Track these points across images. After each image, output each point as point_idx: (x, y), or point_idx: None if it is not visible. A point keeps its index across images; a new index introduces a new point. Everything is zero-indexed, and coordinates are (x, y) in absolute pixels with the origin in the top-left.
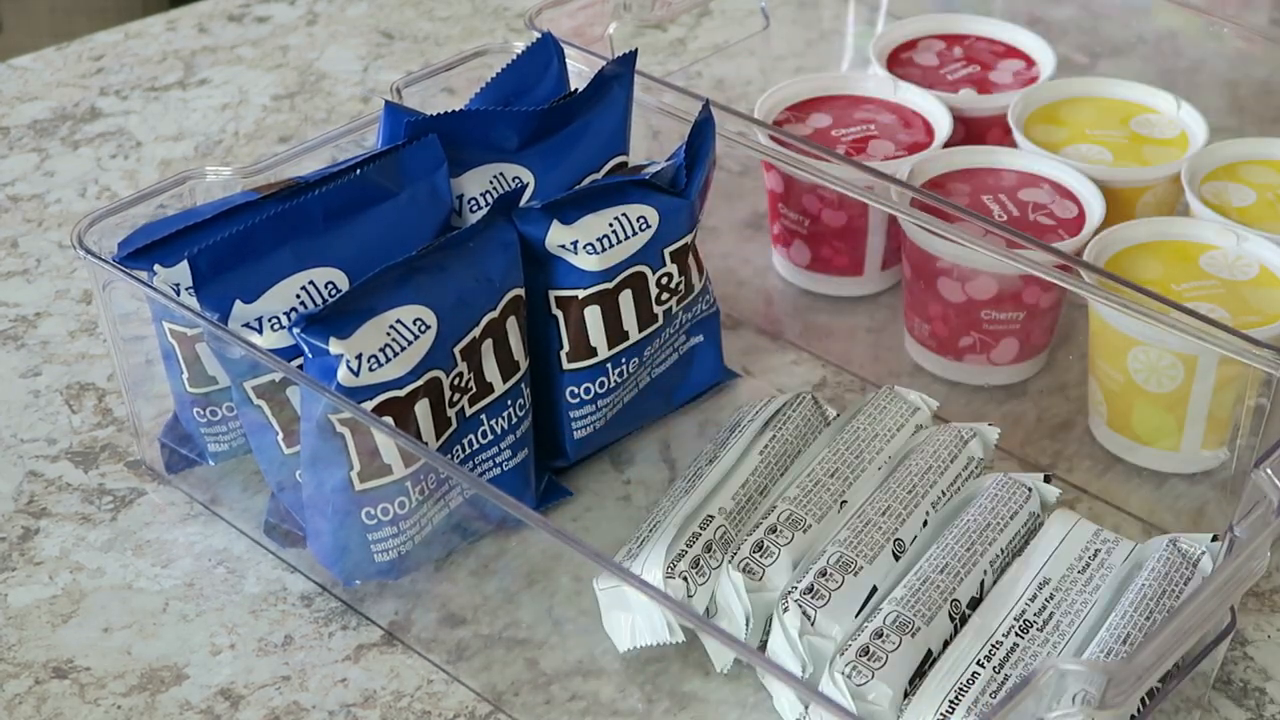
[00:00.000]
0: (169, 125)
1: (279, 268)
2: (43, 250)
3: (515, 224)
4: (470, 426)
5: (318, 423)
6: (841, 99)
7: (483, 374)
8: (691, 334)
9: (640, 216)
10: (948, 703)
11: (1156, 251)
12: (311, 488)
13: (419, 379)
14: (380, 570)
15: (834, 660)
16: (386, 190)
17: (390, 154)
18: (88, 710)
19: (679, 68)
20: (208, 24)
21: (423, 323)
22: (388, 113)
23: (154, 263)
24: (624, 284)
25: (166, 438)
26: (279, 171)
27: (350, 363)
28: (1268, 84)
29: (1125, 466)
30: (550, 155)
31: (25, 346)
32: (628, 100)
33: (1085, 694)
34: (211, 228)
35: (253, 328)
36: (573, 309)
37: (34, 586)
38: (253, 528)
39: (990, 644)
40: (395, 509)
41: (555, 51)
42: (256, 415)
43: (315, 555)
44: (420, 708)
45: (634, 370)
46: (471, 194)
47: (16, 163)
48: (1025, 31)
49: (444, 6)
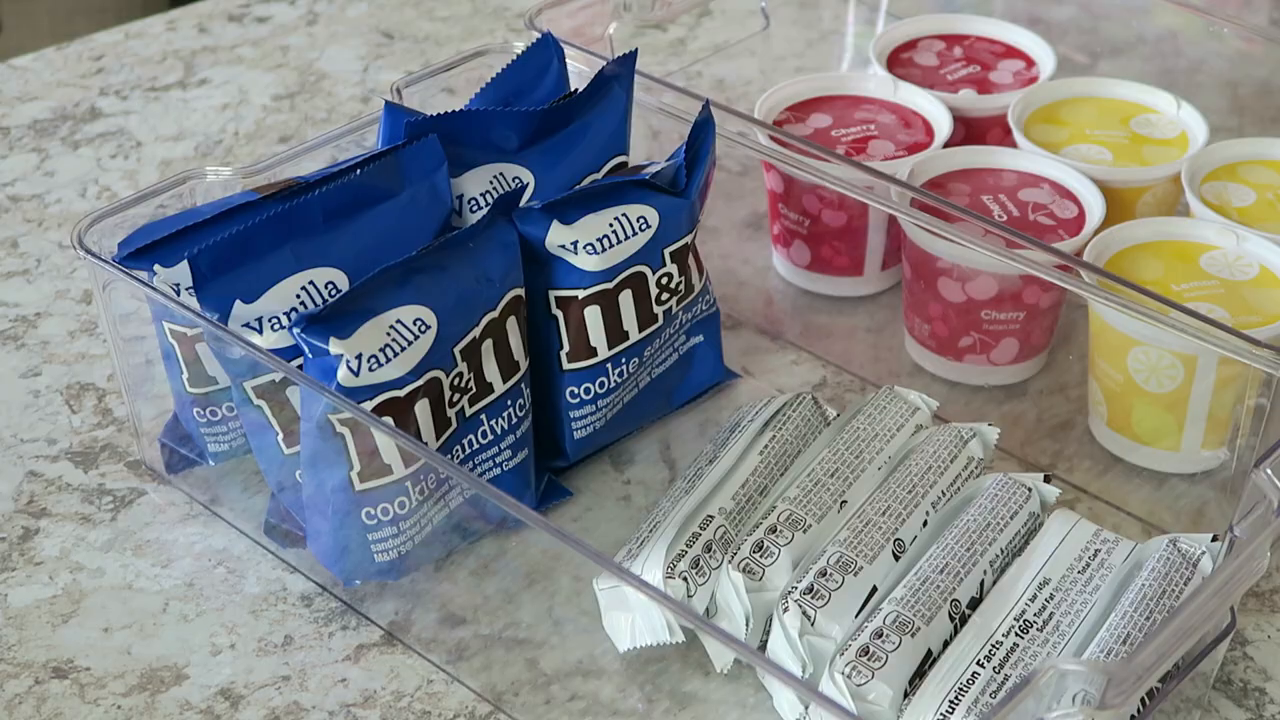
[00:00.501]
0: (169, 125)
1: (279, 268)
2: (43, 250)
3: (515, 224)
4: (470, 427)
5: (318, 423)
6: (841, 99)
7: (483, 374)
8: (691, 334)
9: (640, 216)
10: (948, 703)
11: (1156, 251)
12: (311, 488)
13: (419, 379)
14: (380, 570)
15: (834, 660)
16: (387, 190)
17: (390, 154)
18: (88, 710)
19: (679, 68)
20: (208, 24)
21: (423, 323)
22: (388, 113)
23: (154, 263)
24: (624, 284)
25: (166, 438)
26: (279, 171)
27: (350, 363)
28: (1268, 84)
29: (1125, 466)
30: (550, 155)
31: (25, 346)
32: (628, 100)
33: (1085, 694)
34: (211, 228)
35: (253, 328)
36: (573, 309)
37: (34, 586)
38: (253, 528)
39: (990, 644)
40: (395, 509)
41: (555, 52)
42: (256, 415)
43: (315, 555)
44: (420, 708)
45: (634, 370)
46: (471, 194)
47: (16, 163)
48: (1025, 32)
49: (444, 6)
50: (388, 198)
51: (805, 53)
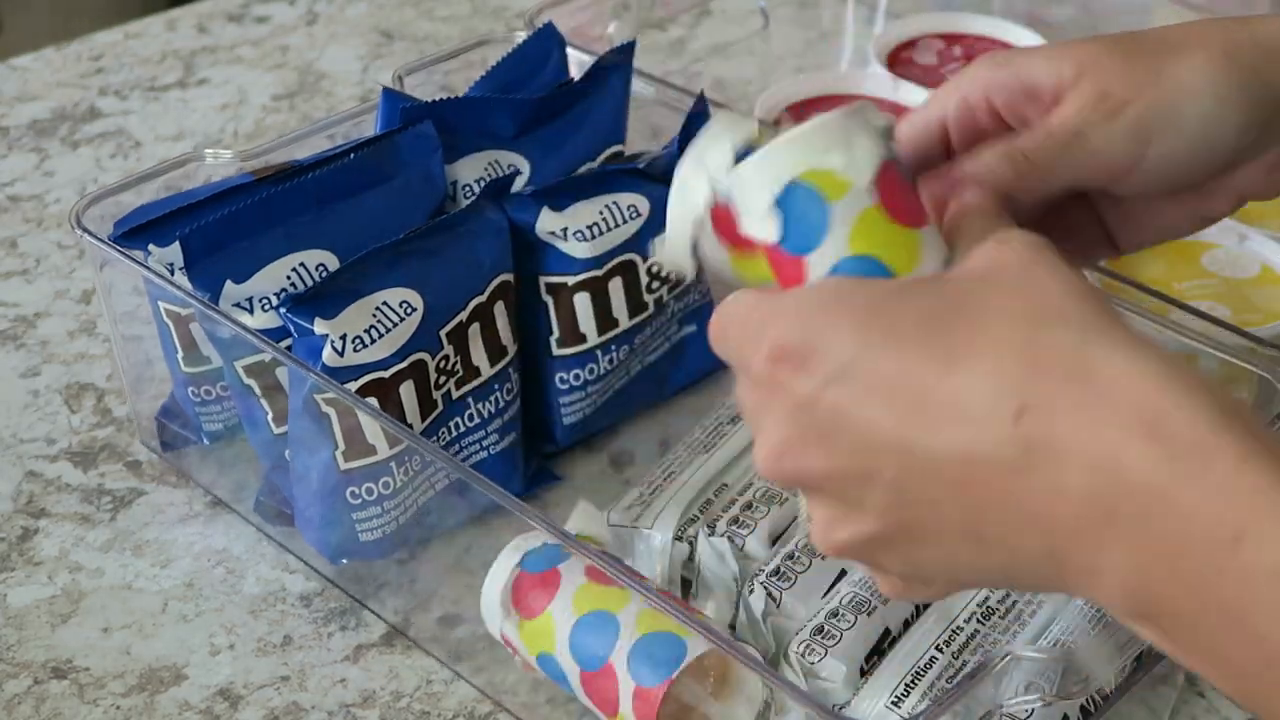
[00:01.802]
0: (169, 125)
1: (270, 249)
2: (42, 250)
3: (506, 210)
4: (457, 409)
5: (304, 402)
6: (841, 98)
7: (469, 358)
8: (684, 323)
9: (631, 205)
10: (904, 685)
11: (1158, 250)
12: (298, 466)
13: (403, 360)
14: (367, 549)
15: (790, 642)
16: (380, 174)
17: (385, 139)
18: (87, 710)
19: (679, 67)
20: (208, 24)
21: (409, 305)
22: (385, 98)
23: (149, 242)
24: (614, 271)
25: (163, 416)
26: (278, 155)
27: (335, 343)
28: None
29: None
30: (547, 143)
31: (25, 346)
32: (625, 90)
33: (1038, 684)
34: (205, 209)
35: (244, 308)
36: (563, 295)
37: (33, 586)
38: (246, 508)
39: (951, 629)
40: (380, 489)
41: (556, 42)
42: (248, 395)
43: (302, 533)
44: (419, 708)
45: (624, 358)
46: (466, 180)
47: (16, 163)
48: (1025, 31)
49: (444, 6)
50: (382, 182)
51: (805, 52)
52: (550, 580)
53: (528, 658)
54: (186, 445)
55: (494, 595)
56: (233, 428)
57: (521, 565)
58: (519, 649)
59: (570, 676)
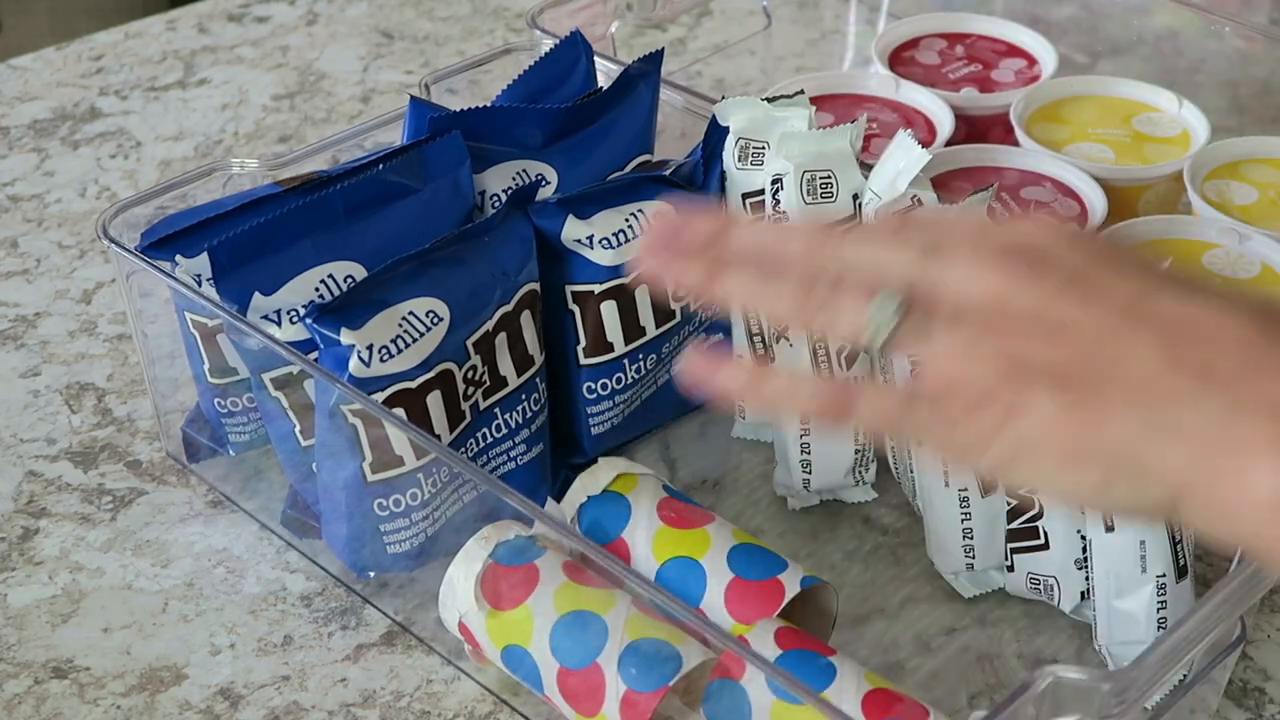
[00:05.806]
0: (169, 125)
1: (299, 260)
2: (42, 250)
3: (531, 218)
4: (484, 420)
5: (330, 413)
6: (843, 98)
7: (496, 368)
8: (711, 331)
9: (656, 212)
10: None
11: (1159, 250)
12: (325, 478)
13: (430, 371)
14: (394, 562)
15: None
16: (408, 185)
17: (413, 149)
18: (87, 710)
19: (679, 67)
20: (208, 24)
21: (435, 315)
22: (413, 108)
23: (176, 253)
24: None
25: (189, 427)
26: (304, 164)
27: (361, 353)
28: (1268, 83)
29: None
30: (574, 153)
31: (25, 346)
32: (653, 100)
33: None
34: (233, 219)
35: (271, 320)
36: (589, 304)
37: (34, 586)
38: (271, 519)
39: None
40: (408, 500)
41: (584, 50)
42: (275, 407)
43: (329, 546)
44: (420, 708)
45: (651, 367)
46: (494, 190)
47: (16, 163)
48: (1027, 30)
49: (444, 6)
50: (410, 193)
51: (806, 52)
52: (529, 575)
53: (489, 649)
54: (212, 456)
55: (461, 583)
56: (258, 439)
57: (493, 557)
58: (479, 640)
59: (545, 672)
